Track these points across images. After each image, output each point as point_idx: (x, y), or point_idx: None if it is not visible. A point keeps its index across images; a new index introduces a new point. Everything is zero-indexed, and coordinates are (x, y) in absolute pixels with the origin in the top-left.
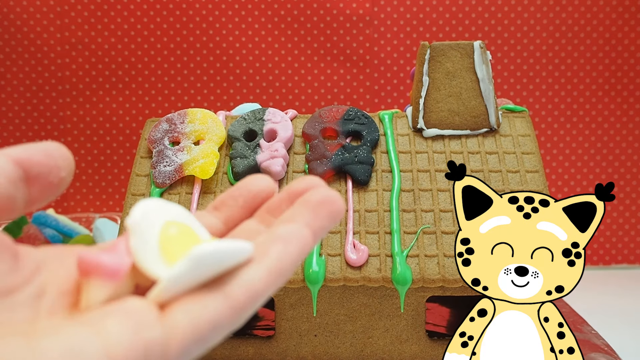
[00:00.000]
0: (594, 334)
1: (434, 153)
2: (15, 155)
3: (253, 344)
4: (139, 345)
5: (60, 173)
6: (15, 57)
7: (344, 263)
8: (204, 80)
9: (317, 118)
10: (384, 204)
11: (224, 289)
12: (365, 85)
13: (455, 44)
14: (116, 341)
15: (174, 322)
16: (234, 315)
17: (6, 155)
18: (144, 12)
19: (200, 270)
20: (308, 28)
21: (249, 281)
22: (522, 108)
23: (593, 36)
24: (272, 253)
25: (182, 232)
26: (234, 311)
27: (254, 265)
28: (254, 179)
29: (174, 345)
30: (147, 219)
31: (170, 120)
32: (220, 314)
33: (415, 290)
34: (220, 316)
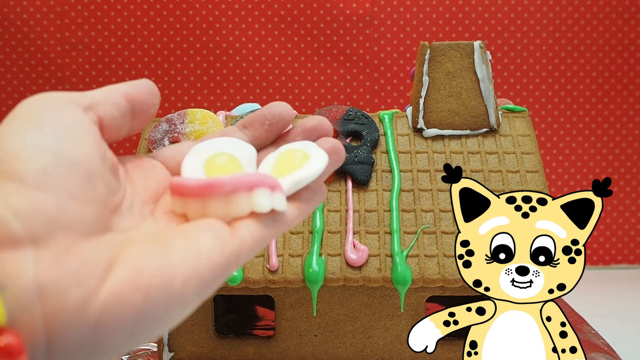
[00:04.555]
0: (594, 334)
1: (434, 153)
2: (126, 92)
3: (253, 344)
4: (224, 254)
5: (155, 108)
6: (15, 57)
7: (344, 263)
8: (204, 80)
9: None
10: (384, 204)
11: (274, 217)
12: (365, 85)
13: (455, 44)
14: (212, 251)
15: (242, 238)
16: (278, 234)
17: (120, 92)
18: (144, 12)
19: (296, 188)
20: (308, 28)
21: (288, 216)
22: (522, 108)
23: (593, 36)
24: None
25: (228, 161)
26: (279, 234)
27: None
28: (277, 106)
29: (243, 254)
30: (202, 150)
31: (170, 120)
32: (271, 234)
33: (415, 290)
34: (271, 235)
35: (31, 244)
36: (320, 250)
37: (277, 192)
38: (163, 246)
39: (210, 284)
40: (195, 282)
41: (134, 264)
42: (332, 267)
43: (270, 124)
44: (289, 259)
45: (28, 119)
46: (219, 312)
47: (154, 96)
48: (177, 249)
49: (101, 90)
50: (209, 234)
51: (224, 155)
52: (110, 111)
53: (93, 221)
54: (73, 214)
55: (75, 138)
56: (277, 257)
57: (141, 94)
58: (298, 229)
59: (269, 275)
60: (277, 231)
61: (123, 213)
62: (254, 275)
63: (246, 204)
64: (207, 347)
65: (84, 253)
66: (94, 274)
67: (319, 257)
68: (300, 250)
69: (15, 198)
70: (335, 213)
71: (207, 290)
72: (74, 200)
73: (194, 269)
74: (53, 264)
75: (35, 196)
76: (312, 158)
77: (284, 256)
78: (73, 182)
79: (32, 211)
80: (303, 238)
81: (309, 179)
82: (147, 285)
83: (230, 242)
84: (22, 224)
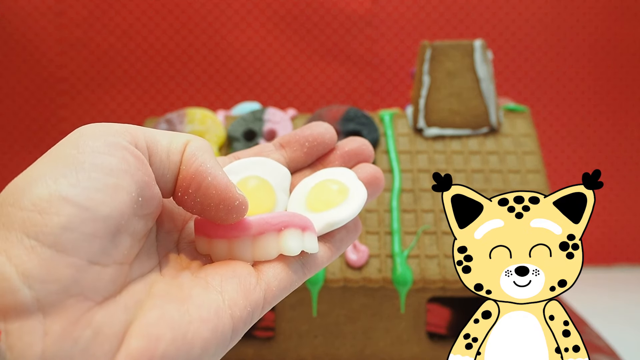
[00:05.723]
0: (595, 335)
1: (434, 153)
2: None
3: (253, 345)
4: (249, 307)
5: None
6: (14, 57)
7: (344, 263)
8: (204, 80)
9: (317, 118)
10: (384, 204)
11: (303, 259)
12: (365, 85)
13: (455, 44)
14: (235, 304)
15: (267, 284)
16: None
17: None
18: (144, 12)
19: (331, 229)
20: (308, 28)
21: (319, 258)
22: (523, 108)
23: (595, 35)
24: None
25: (259, 186)
26: (308, 277)
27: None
28: (318, 127)
29: (267, 303)
30: (231, 172)
31: (169, 120)
32: (299, 279)
33: (416, 291)
34: (299, 280)
35: (40, 313)
36: None
37: (308, 233)
38: (182, 304)
39: (231, 341)
40: (215, 344)
41: (149, 331)
42: (332, 267)
43: (311, 147)
44: None
45: (66, 159)
46: None
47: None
48: (197, 305)
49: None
50: (232, 284)
51: (256, 179)
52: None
53: (110, 284)
54: (89, 280)
55: (114, 187)
56: None
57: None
58: None
59: None
60: (306, 276)
61: (144, 253)
62: None
63: (274, 247)
64: None
65: (97, 323)
66: (106, 349)
67: None
68: None
69: (28, 258)
70: None
71: (228, 347)
72: (93, 264)
73: (214, 331)
74: (62, 336)
75: (51, 258)
76: (351, 194)
77: None
78: (96, 243)
79: (44, 276)
80: None
81: (344, 220)
82: (162, 354)
83: (254, 292)
84: (32, 291)
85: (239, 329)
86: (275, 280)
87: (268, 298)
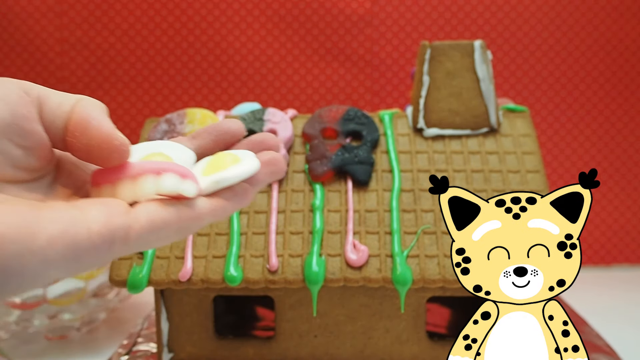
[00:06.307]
0: (595, 335)
1: (434, 153)
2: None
3: (253, 345)
4: (109, 226)
5: None
6: (14, 57)
7: (344, 263)
8: (203, 80)
9: (317, 118)
10: (384, 204)
11: (191, 203)
12: (365, 85)
13: (455, 44)
14: (95, 220)
15: (136, 216)
16: (185, 223)
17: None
18: (144, 12)
19: (217, 187)
20: (308, 28)
21: (197, 207)
22: (523, 108)
23: (595, 36)
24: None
25: (161, 159)
26: (184, 221)
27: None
28: (228, 122)
29: (132, 232)
30: (139, 150)
31: (169, 120)
32: (172, 218)
33: (416, 291)
34: (172, 220)
35: None
36: (321, 251)
37: (187, 180)
38: (37, 208)
39: (88, 252)
40: (63, 243)
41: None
42: (332, 267)
43: (218, 135)
44: (289, 260)
45: None
46: (219, 313)
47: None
48: (51, 210)
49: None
50: (99, 208)
51: (160, 155)
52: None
53: None
54: None
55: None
56: (277, 258)
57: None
58: (298, 229)
59: (269, 276)
60: (182, 217)
61: (35, 186)
62: (254, 275)
63: (152, 187)
64: (207, 347)
65: None
66: None
67: (319, 257)
68: (300, 251)
69: None
70: (336, 213)
71: (84, 258)
72: None
73: (63, 231)
74: None
75: None
76: (242, 162)
77: (284, 256)
78: None
79: None
80: (303, 238)
81: (230, 179)
82: (1, 233)
83: (120, 217)
84: None
85: (96, 244)
86: (145, 214)
87: (135, 227)
